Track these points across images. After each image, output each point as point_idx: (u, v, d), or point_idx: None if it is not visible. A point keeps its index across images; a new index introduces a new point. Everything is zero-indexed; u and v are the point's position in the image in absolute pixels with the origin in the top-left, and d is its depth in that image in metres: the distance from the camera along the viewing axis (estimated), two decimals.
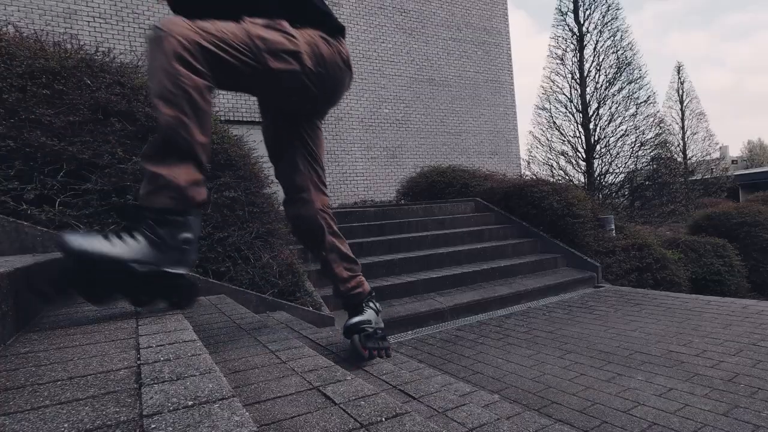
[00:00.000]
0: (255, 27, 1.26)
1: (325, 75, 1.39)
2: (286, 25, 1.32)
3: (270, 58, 1.26)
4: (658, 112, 14.10)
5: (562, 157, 14.20)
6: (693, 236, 7.38)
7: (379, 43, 10.92)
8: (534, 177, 8.64)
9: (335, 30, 1.45)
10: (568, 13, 14.29)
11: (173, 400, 0.68)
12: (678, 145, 21.03)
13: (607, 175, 13.62)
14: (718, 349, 2.41)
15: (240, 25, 1.24)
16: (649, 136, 13.55)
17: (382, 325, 1.76)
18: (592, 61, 13.91)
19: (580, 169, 13.95)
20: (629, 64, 13.66)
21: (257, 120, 9.31)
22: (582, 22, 14.10)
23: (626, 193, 13.70)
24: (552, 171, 14.31)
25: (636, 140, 13.43)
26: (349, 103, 10.44)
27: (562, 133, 14.24)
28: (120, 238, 1.09)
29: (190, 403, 0.67)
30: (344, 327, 1.67)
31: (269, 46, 1.26)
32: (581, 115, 13.90)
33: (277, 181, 1.53)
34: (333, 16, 1.48)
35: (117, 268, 1.07)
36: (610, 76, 13.71)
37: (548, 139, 14.53)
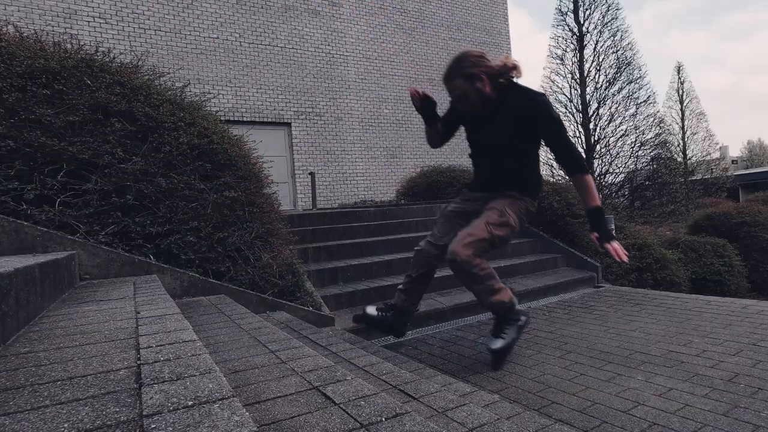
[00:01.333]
0: (492, 227, 2.17)
1: (520, 222, 2.29)
2: (510, 213, 2.21)
3: (497, 235, 2.20)
4: (658, 112, 14.11)
5: None
6: (693, 236, 7.38)
7: (379, 43, 10.92)
8: None
9: (538, 195, 2.37)
10: (568, 13, 14.30)
11: (173, 400, 0.68)
12: (678, 145, 21.03)
13: (607, 175, 13.62)
14: (718, 349, 2.41)
15: (484, 225, 2.17)
16: (649, 136, 13.56)
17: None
18: (592, 61, 13.91)
19: None
20: (629, 64, 13.67)
21: (257, 120, 9.32)
22: (582, 22, 14.10)
23: (626, 193, 13.70)
24: (552, 171, 14.31)
25: (636, 140, 13.44)
26: (349, 103, 10.45)
27: None
28: (505, 334, 2.27)
29: (190, 403, 0.67)
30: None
31: (500, 234, 2.20)
32: (581, 115, 13.90)
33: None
34: (541, 190, 2.39)
35: (509, 350, 2.34)
36: (610, 76, 13.72)
37: None
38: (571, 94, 14.17)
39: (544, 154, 14.47)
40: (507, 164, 2.24)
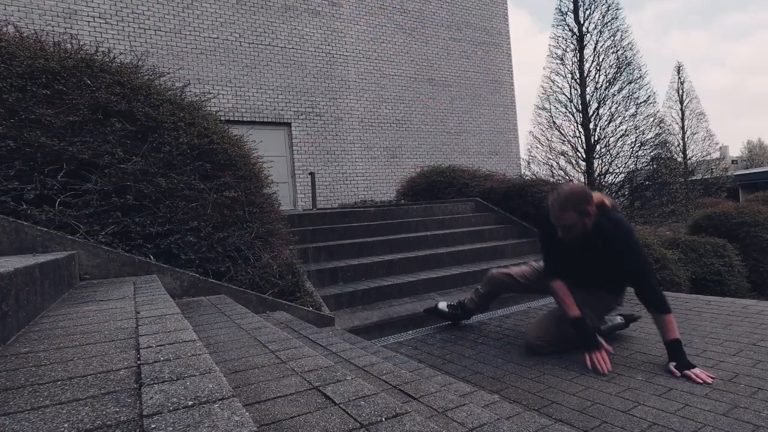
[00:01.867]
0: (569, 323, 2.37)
1: (598, 319, 2.51)
2: (588, 312, 2.41)
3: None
4: (658, 112, 14.09)
5: (562, 157, 14.18)
6: (693, 236, 7.37)
7: (379, 43, 10.92)
8: (534, 177, 8.64)
9: (623, 293, 2.53)
10: (568, 13, 14.28)
11: (173, 400, 0.68)
12: (678, 145, 21.02)
13: (607, 175, 13.61)
14: (718, 349, 2.41)
15: (559, 321, 2.43)
16: (649, 136, 13.54)
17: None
18: (592, 61, 13.90)
19: (580, 169, 13.94)
20: (629, 64, 13.65)
21: (257, 120, 9.32)
22: (582, 22, 14.09)
23: (626, 193, 13.68)
24: (552, 171, 14.29)
25: (636, 140, 13.42)
26: (349, 103, 10.45)
27: (562, 133, 14.23)
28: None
29: (190, 403, 0.67)
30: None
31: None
32: (581, 115, 13.90)
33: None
34: (625, 289, 2.52)
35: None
36: (610, 76, 13.69)
37: (548, 139, 14.51)
38: (571, 94, 14.15)
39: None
40: (594, 274, 2.43)
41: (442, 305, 3.10)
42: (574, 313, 2.30)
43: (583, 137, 13.83)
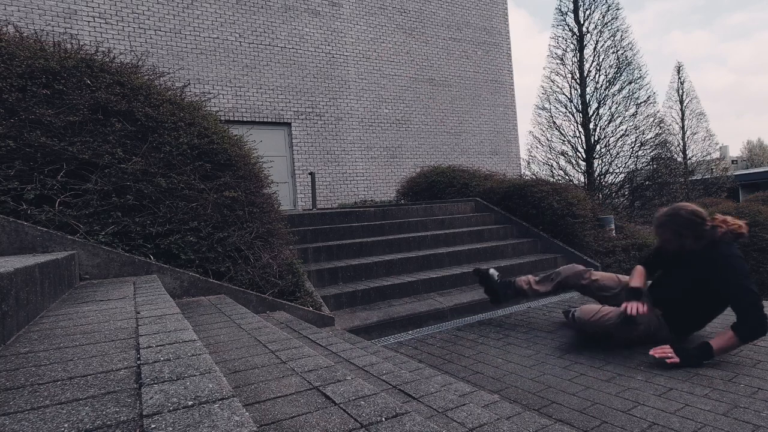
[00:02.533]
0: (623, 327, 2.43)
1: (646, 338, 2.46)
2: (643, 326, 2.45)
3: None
4: (658, 112, 14.09)
5: (562, 157, 14.19)
6: None
7: (379, 43, 10.92)
8: (534, 177, 8.64)
9: (682, 334, 2.53)
10: (568, 13, 14.29)
11: (173, 400, 0.68)
12: (678, 145, 21.00)
13: (607, 175, 13.61)
14: None
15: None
16: (649, 136, 13.54)
17: None
18: (592, 61, 13.90)
19: (580, 169, 13.94)
20: (629, 64, 13.66)
21: (257, 120, 9.32)
22: (582, 22, 14.10)
23: (626, 193, 13.69)
24: (552, 171, 14.30)
25: (636, 140, 13.43)
26: (349, 103, 10.45)
27: (562, 133, 14.23)
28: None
29: (190, 403, 0.67)
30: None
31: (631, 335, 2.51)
32: (581, 115, 13.90)
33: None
34: (688, 333, 2.53)
35: None
36: (610, 76, 13.70)
37: (548, 139, 14.53)
38: (571, 94, 14.17)
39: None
40: (674, 303, 2.43)
41: (493, 272, 3.18)
42: (636, 284, 2.37)
43: (583, 137, 13.84)
